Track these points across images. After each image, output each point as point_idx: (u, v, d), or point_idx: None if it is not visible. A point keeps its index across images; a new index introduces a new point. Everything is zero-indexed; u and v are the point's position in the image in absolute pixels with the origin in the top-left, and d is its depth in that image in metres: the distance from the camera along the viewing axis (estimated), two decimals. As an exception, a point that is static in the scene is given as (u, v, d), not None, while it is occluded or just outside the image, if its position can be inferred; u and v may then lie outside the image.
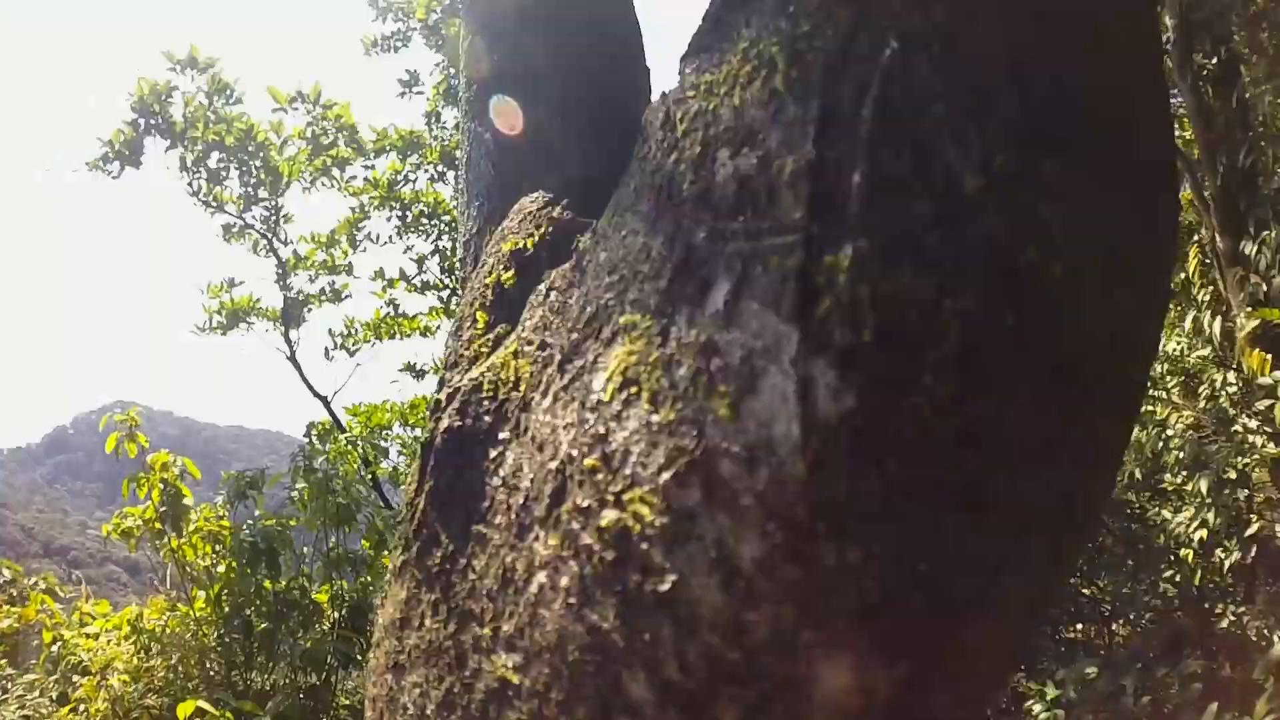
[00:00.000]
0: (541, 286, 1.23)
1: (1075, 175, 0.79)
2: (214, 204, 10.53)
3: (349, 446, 8.54)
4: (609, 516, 0.89)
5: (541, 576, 0.97)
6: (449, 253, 11.32)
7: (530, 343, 1.16)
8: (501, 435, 1.14)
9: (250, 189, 10.46)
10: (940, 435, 0.75)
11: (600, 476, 0.91)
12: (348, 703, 6.82)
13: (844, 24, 0.83)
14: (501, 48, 1.84)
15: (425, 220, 11.27)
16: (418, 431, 11.26)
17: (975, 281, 0.75)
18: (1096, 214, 0.80)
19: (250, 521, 6.76)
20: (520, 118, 1.89)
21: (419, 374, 11.42)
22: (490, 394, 1.19)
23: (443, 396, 1.27)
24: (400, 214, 11.27)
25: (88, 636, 6.87)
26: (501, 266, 1.42)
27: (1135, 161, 0.84)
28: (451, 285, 11.23)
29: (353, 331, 11.26)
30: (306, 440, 7.27)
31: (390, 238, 11.35)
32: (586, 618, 0.91)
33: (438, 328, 11.54)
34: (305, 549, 6.96)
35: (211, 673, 6.65)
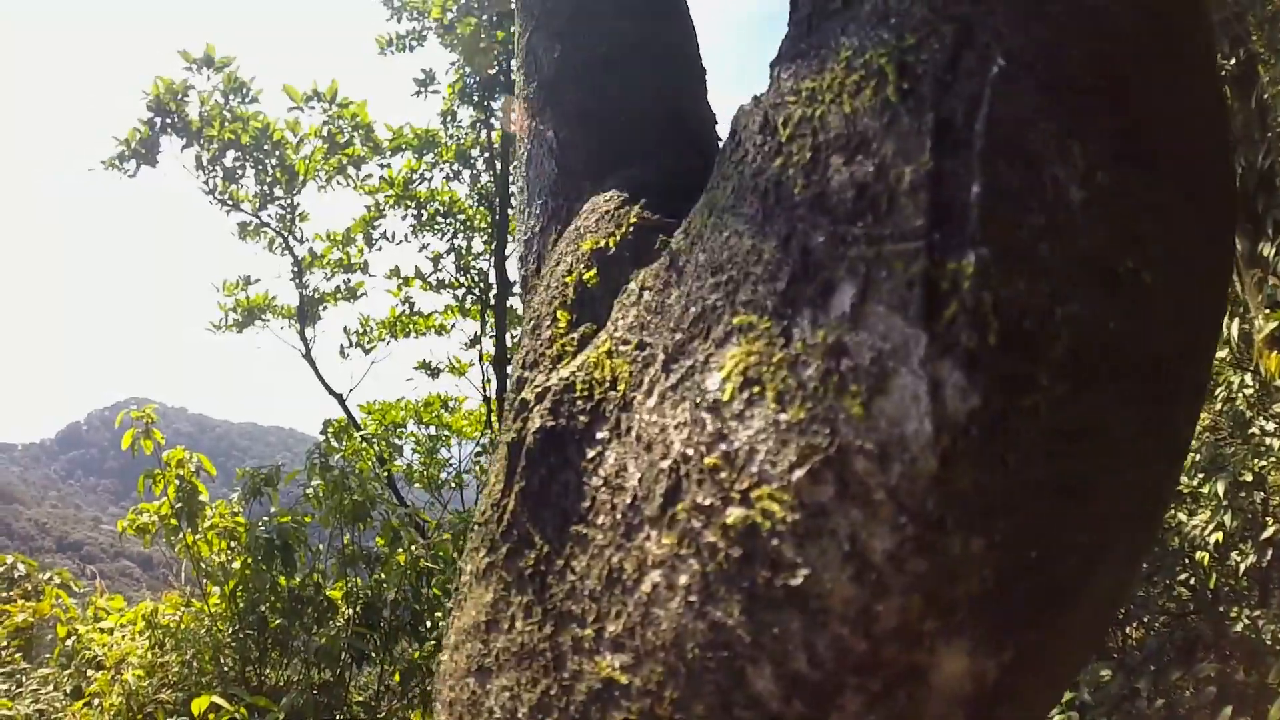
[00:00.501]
0: (632, 286, 1.24)
1: (1161, 189, 0.85)
2: (230, 202, 10.56)
3: (364, 444, 8.56)
4: (735, 514, 0.91)
5: (655, 575, 0.98)
6: (463, 251, 11.34)
7: (626, 342, 1.17)
8: (599, 435, 1.15)
9: (266, 187, 10.50)
10: (1053, 431, 0.81)
11: (723, 475, 0.93)
12: (360, 699, 6.84)
13: (949, 40, 0.88)
14: (561, 45, 1.84)
15: (440, 219, 11.29)
16: (432, 429, 11.30)
17: (1082, 289, 0.81)
18: (1178, 225, 0.86)
19: (266, 518, 6.77)
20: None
21: (434, 372, 11.44)
22: (585, 393, 1.20)
23: (529, 396, 1.27)
24: (415, 212, 11.30)
25: (102, 631, 6.90)
26: (582, 265, 1.42)
27: (1204, 175, 0.90)
28: (466, 284, 11.26)
29: (368, 329, 11.29)
30: (322, 437, 7.29)
31: (406, 236, 11.38)
32: (709, 614, 0.92)
33: (452, 326, 11.58)
34: (320, 546, 6.98)
35: (225, 668, 6.67)
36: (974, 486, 0.80)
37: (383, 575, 6.61)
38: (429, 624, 6.73)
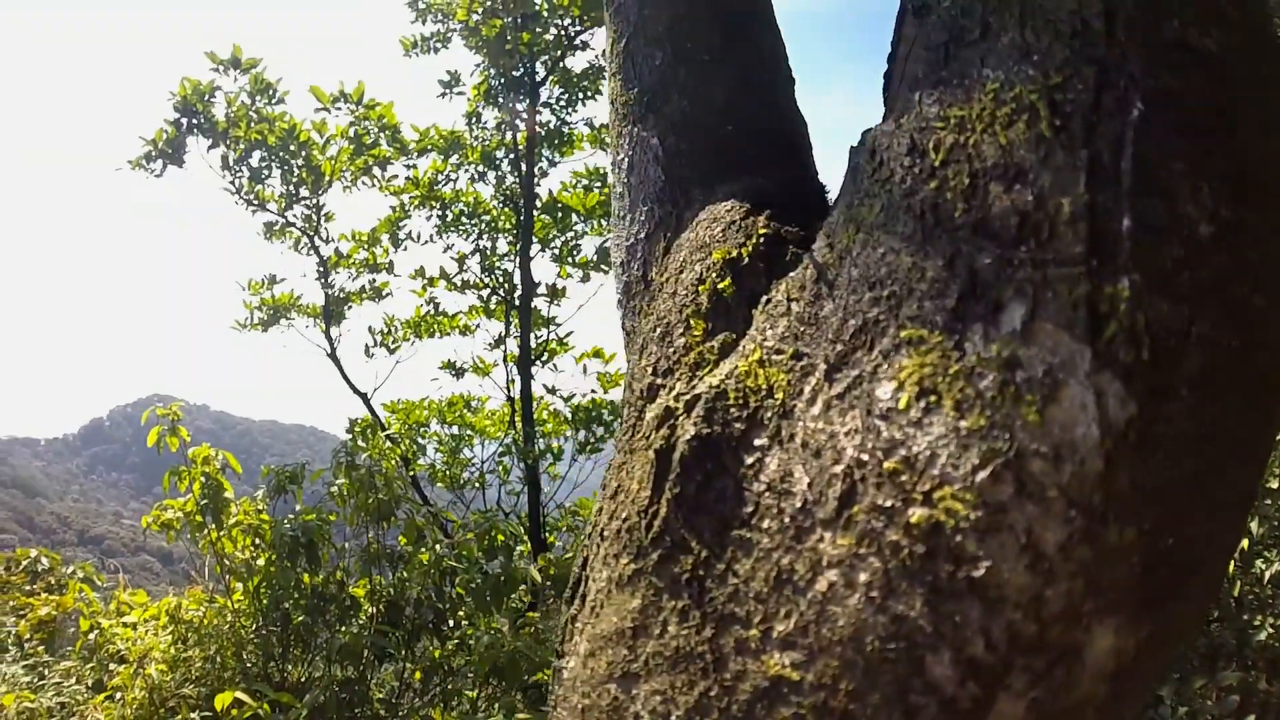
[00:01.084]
0: (777, 296, 1.29)
1: (1266, 224, 0.98)
2: (256, 202, 10.63)
3: (388, 443, 8.60)
4: (918, 514, 1.00)
5: (832, 574, 1.05)
6: (488, 252, 11.37)
7: (780, 352, 1.22)
8: (758, 441, 1.19)
9: (292, 187, 10.56)
10: (1189, 435, 0.94)
11: (904, 478, 1.01)
12: (380, 696, 6.86)
13: (1091, 81, 1.00)
14: (661, 52, 1.88)
15: (465, 220, 11.33)
16: (454, 429, 11.34)
17: (1211, 312, 0.94)
18: (1277, 253, 1.00)
19: (291, 516, 6.81)
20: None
21: (459, 372, 11.48)
22: (739, 401, 1.23)
23: (674, 404, 1.30)
24: (440, 213, 11.34)
25: (126, 626, 6.94)
26: (715, 274, 1.46)
27: None
28: (491, 284, 11.29)
29: (392, 329, 11.34)
30: (347, 436, 7.32)
31: (430, 237, 11.43)
32: (890, 608, 1.00)
33: (477, 326, 11.60)
34: (346, 544, 7.01)
35: (248, 664, 6.70)
36: (1130, 483, 0.93)
37: (406, 574, 6.63)
38: (451, 623, 6.75)
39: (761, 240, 1.47)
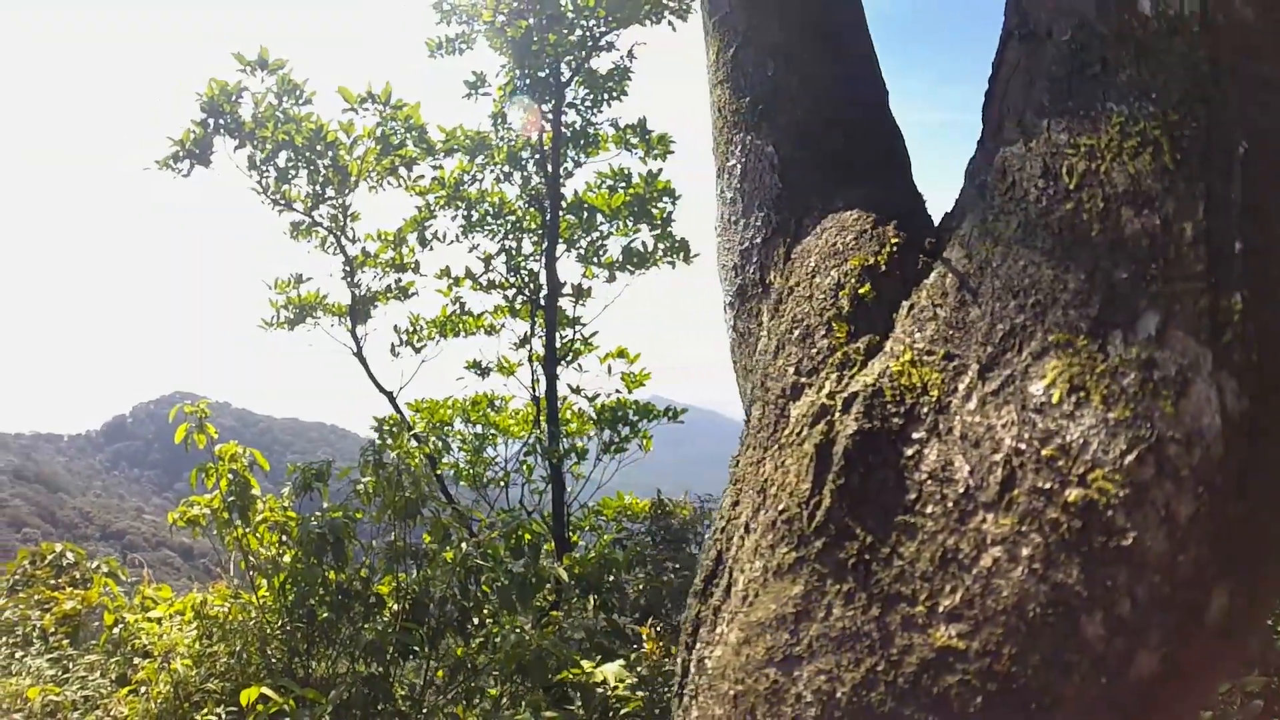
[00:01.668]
0: (921, 301, 1.44)
1: None
2: (283, 202, 10.67)
3: (413, 442, 8.62)
4: (1075, 493, 1.18)
5: (995, 551, 1.20)
6: (514, 252, 11.41)
7: (931, 353, 1.37)
8: (916, 435, 1.34)
9: (318, 187, 10.60)
10: None
11: (1060, 463, 1.19)
12: (403, 692, 6.87)
13: (1203, 117, 1.18)
14: (774, 63, 1.97)
15: (491, 220, 11.35)
16: (478, 428, 11.36)
17: None
18: None
19: (319, 513, 6.83)
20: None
21: (484, 371, 11.50)
22: (895, 398, 1.37)
23: (832, 401, 1.44)
24: (465, 213, 11.37)
25: (151, 621, 6.96)
26: (854, 280, 1.59)
27: None
28: (517, 284, 11.32)
29: (418, 329, 11.36)
30: (375, 434, 7.33)
31: (456, 237, 11.46)
32: (1051, 577, 1.17)
33: (502, 326, 11.63)
34: (371, 542, 7.03)
35: (273, 660, 6.72)
36: (1242, 464, 1.12)
37: (431, 572, 6.64)
38: (476, 621, 6.76)
39: (895, 248, 1.60)
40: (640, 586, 8.02)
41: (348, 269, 11.01)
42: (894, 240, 1.62)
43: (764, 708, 1.33)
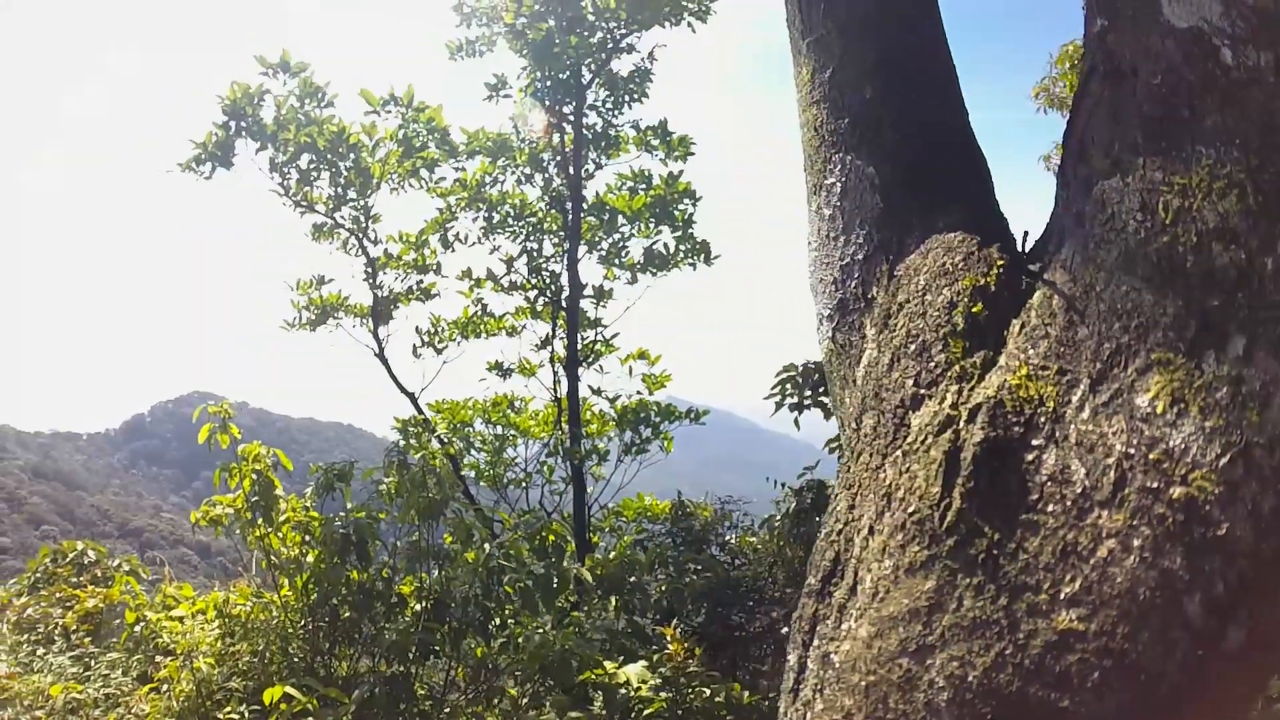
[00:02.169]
0: (1033, 320, 1.64)
1: None
2: (304, 204, 10.70)
3: (436, 443, 8.63)
4: (1178, 491, 1.38)
5: (1110, 543, 1.40)
6: (535, 253, 11.44)
7: (1045, 368, 1.56)
8: (1035, 442, 1.54)
9: (340, 189, 10.62)
10: None
11: (1165, 465, 1.39)
12: (422, 692, 6.87)
13: (1274, 165, 1.36)
14: (872, 86, 2.12)
15: (512, 221, 11.36)
16: (499, 429, 11.38)
17: None
18: None
19: (342, 514, 6.84)
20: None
21: (505, 372, 11.52)
22: (1015, 409, 1.57)
23: (956, 412, 1.63)
24: (486, 215, 11.39)
25: (173, 619, 6.98)
26: (967, 299, 1.76)
27: None
28: (539, 286, 11.34)
29: (439, 330, 11.38)
30: (395, 435, 7.34)
31: (479, 238, 11.49)
32: (1159, 564, 1.37)
33: (523, 327, 11.66)
34: (395, 542, 7.03)
35: (295, 659, 6.72)
36: None
37: (452, 572, 6.64)
38: (498, 622, 6.75)
39: (1001, 270, 1.78)
40: (662, 588, 8.02)
41: (369, 270, 11.04)
42: (999, 262, 1.79)
43: (896, 695, 1.49)
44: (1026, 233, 1.91)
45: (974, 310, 1.74)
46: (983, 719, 1.42)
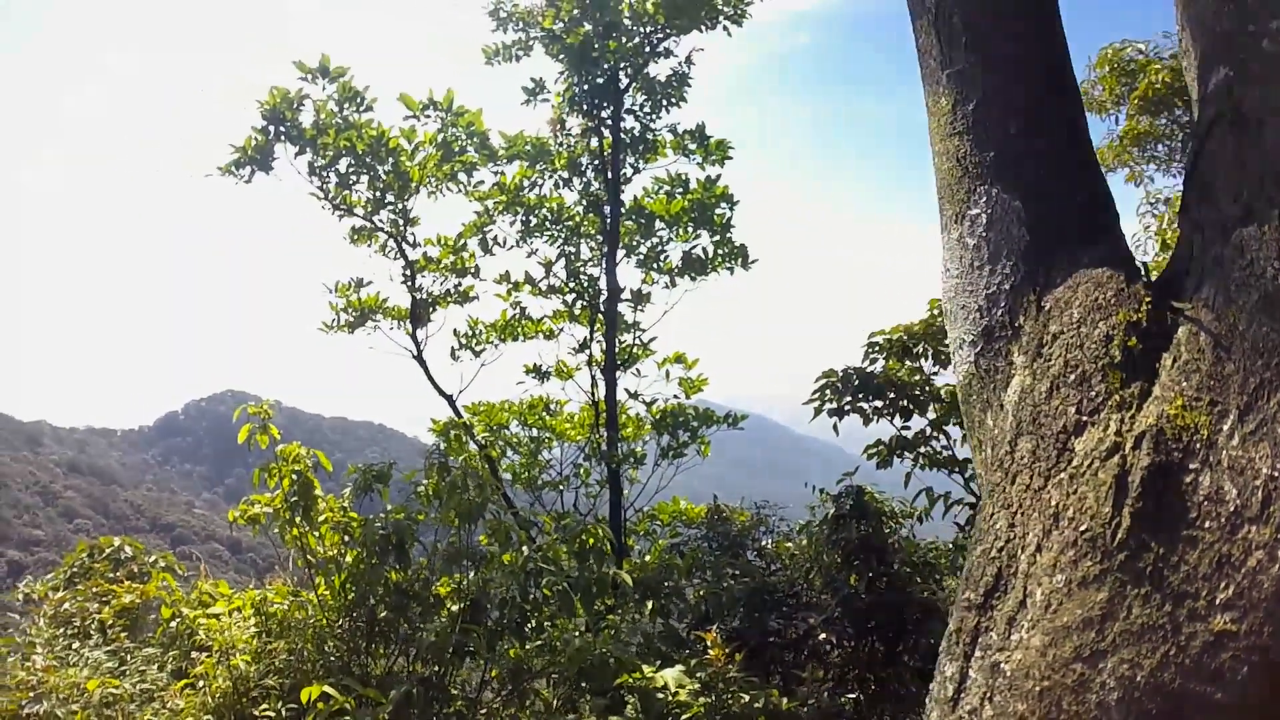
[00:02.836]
0: (1183, 355, 1.77)
1: None
2: (343, 207, 10.76)
3: (474, 446, 8.66)
4: None
5: (1259, 554, 1.53)
6: (573, 257, 11.47)
7: (1198, 400, 1.70)
8: (1192, 466, 1.68)
9: (378, 193, 10.68)
10: None
11: None
12: (455, 692, 6.87)
13: None
14: (1016, 123, 2.25)
15: (550, 225, 11.39)
16: (534, 431, 11.41)
17: None
18: None
19: (383, 514, 6.86)
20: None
21: (543, 375, 11.55)
22: (1174, 436, 1.71)
23: (1122, 439, 1.77)
24: (524, 218, 11.42)
25: (211, 616, 7.01)
26: (1122, 333, 1.91)
27: None
28: (576, 289, 11.36)
29: (476, 333, 11.42)
30: (435, 438, 7.35)
31: (516, 242, 11.53)
32: None
33: (560, 330, 11.69)
34: (437, 544, 7.04)
35: (331, 658, 6.74)
36: None
37: (489, 574, 6.64)
38: (533, 624, 6.75)
39: (1149, 306, 1.90)
40: (700, 593, 8.00)
41: (408, 273, 11.09)
42: (1147, 299, 1.91)
43: (1070, 697, 1.64)
44: (1146, 264, 2.06)
45: (1129, 344, 1.88)
46: (1148, 714, 1.58)
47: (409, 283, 11.09)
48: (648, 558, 7.30)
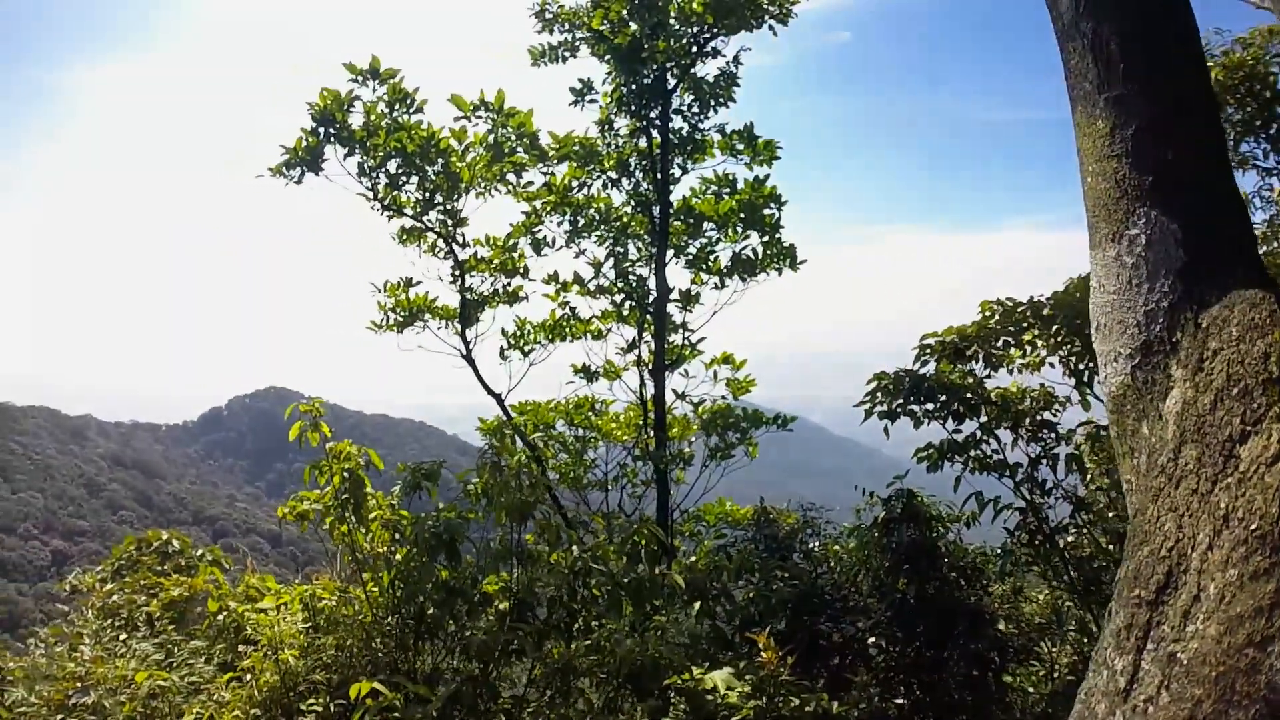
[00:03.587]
0: None
1: None
2: (392, 207, 10.84)
3: (523, 445, 8.68)
4: None
5: None
6: (621, 257, 11.49)
7: None
8: None
9: (427, 193, 10.75)
10: None
11: None
12: (502, 690, 6.88)
13: None
14: (1171, 149, 2.38)
15: (599, 225, 11.41)
16: (580, 431, 11.43)
17: None
18: None
19: (434, 513, 6.89)
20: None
21: (591, 375, 11.58)
22: None
23: None
24: (571, 218, 11.45)
25: (260, 612, 7.06)
26: (1278, 350, 2.00)
27: None
28: (625, 289, 11.38)
29: (524, 332, 11.46)
30: (485, 437, 7.36)
31: (565, 242, 11.58)
32: None
33: (609, 330, 11.72)
34: (490, 542, 7.06)
35: (379, 654, 6.77)
36: None
37: (535, 573, 6.66)
38: (580, 624, 6.75)
39: None
40: (750, 594, 7.97)
41: (457, 273, 11.14)
42: None
43: (1242, 680, 1.74)
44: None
45: None
46: None
47: (459, 282, 11.16)
48: (692, 559, 7.27)
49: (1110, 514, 7.85)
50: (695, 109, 11.29)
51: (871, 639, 7.64)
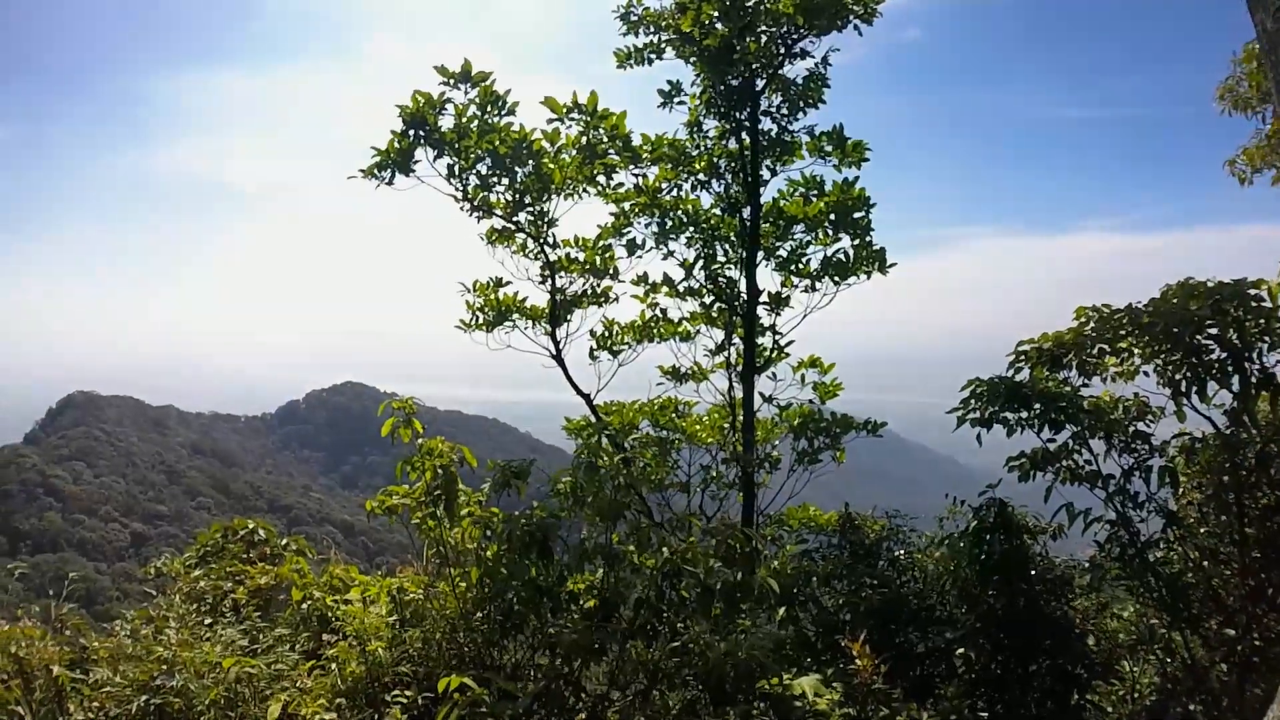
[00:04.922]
0: None
1: None
2: (482, 208, 10.95)
3: (613, 448, 8.72)
4: None
5: None
6: (710, 259, 11.50)
7: None
8: None
9: (517, 194, 10.85)
10: None
11: None
12: (586, 689, 6.91)
13: None
14: None
15: (688, 227, 11.42)
16: (664, 432, 11.46)
17: None
18: None
19: (528, 511, 6.96)
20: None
21: (681, 377, 11.60)
22: None
23: None
24: (660, 220, 11.47)
25: (348, 603, 7.18)
26: None
27: None
28: (715, 291, 11.37)
29: (612, 333, 11.52)
30: (572, 437, 7.39)
31: (655, 244, 11.62)
32: None
33: (697, 332, 11.74)
34: (585, 542, 7.11)
35: (465, 648, 6.84)
36: None
37: (622, 573, 6.67)
38: (666, 626, 6.75)
39: None
40: (839, 600, 7.92)
41: (547, 274, 11.23)
42: None
43: None
44: None
45: None
46: None
47: (549, 283, 11.24)
48: (775, 563, 7.23)
49: (1202, 529, 7.65)
50: (784, 110, 11.24)
51: (960, 650, 7.53)
